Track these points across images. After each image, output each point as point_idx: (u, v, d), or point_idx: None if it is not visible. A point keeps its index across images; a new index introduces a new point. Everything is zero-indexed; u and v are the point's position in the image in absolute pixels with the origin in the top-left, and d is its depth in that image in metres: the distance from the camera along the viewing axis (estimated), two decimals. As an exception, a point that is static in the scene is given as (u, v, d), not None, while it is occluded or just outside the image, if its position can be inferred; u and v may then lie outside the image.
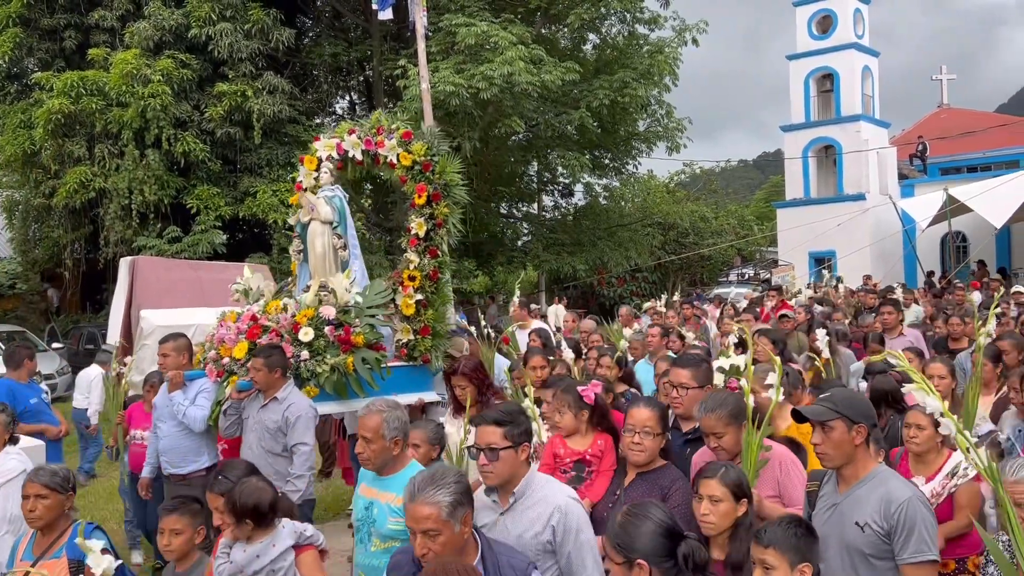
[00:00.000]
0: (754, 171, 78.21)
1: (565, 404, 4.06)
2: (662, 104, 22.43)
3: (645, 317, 11.35)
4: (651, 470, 3.58)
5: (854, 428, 2.98)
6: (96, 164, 18.27)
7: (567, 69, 18.35)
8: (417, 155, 5.71)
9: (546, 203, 28.10)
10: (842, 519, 3.00)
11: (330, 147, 6.05)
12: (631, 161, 25.08)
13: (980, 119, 32.11)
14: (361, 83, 25.06)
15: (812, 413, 3.06)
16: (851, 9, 26.79)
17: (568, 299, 23.31)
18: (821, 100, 27.52)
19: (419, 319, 5.72)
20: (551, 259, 22.78)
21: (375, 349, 5.47)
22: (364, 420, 3.68)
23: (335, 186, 6.02)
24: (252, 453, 4.94)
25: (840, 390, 3.29)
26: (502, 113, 18.36)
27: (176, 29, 18.58)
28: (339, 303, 5.46)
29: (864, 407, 3.10)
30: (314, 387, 5.22)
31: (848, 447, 2.99)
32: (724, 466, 3.14)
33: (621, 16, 21.94)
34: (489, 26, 17.68)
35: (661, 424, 3.60)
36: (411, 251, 5.75)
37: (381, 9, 12.17)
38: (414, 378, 5.77)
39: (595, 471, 3.91)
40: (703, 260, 29.95)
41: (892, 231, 23.70)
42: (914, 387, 2.68)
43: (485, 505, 3.14)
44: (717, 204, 37.54)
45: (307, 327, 5.27)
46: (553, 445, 4.11)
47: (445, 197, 5.77)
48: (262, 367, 4.90)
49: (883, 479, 2.98)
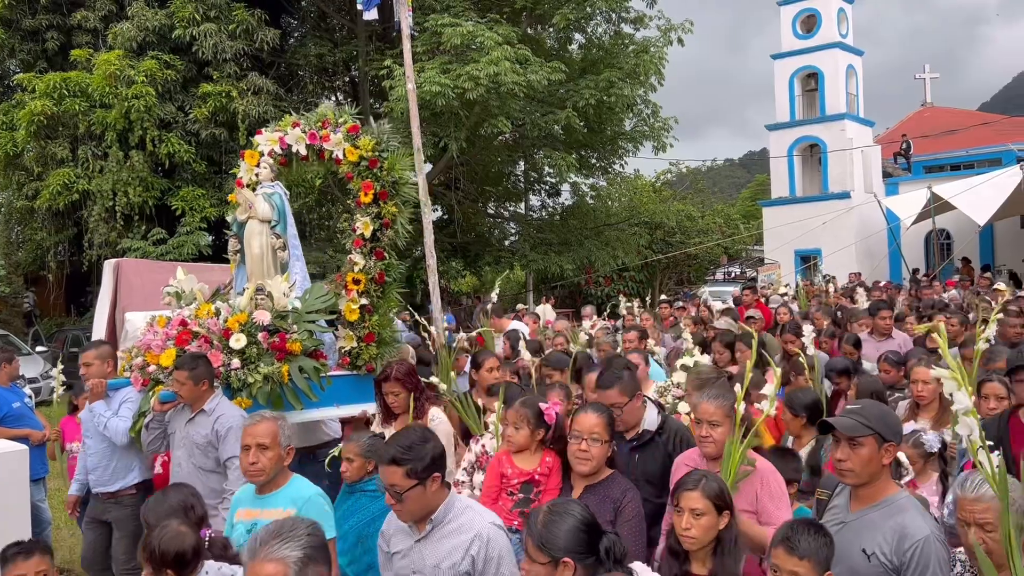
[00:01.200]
0: (740, 170, 78.58)
1: (524, 420, 3.87)
2: (648, 103, 22.48)
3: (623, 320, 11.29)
4: (598, 481, 3.46)
5: (884, 447, 2.80)
6: (80, 166, 18.14)
7: (553, 69, 18.36)
8: (364, 150, 5.34)
9: (533, 203, 28.11)
10: (849, 541, 2.81)
11: (272, 141, 5.69)
12: (618, 160, 25.12)
13: (963, 117, 32.36)
14: (347, 83, 24.98)
15: (844, 427, 2.86)
16: (835, 8, 26.96)
17: (556, 299, 23.31)
18: (806, 99, 27.68)
19: (363, 325, 5.35)
20: (538, 259, 22.78)
21: (315, 357, 5.10)
22: (257, 428, 3.51)
23: (275, 183, 5.69)
24: (182, 470, 4.68)
25: (872, 403, 3.05)
26: (488, 113, 18.34)
27: (160, 30, 18.46)
28: (275, 308, 5.11)
29: (896, 425, 2.91)
30: (246, 398, 4.85)
31: (875, 466, 2.81)
32: (704, 476, 3.02)
33: (607, 16, 21.97)
34: (475, 26, 17.66)
35: (608, 431, 3.47)
36: (356, 252, 5.37)
37: (366, 9, 12.09)
38: (358, 388, 5.38)
39: (543, 491, 3.76)
40: (690, 259, 30.02)
41: (877, 229, 23.86)
42: (947, 373, 2.46)
43: (401, 529, 3.01)
44: (703, 203, 37.64)
45: (239, 333, 4.91)
46: (500, 464, 3.91)
47: (393, 196, 5.39)
48: (186, 380, 4.56)
49: (900, 507, 2.78)
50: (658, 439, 3.93)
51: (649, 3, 22.03)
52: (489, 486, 3.91)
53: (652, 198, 33.62)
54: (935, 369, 2.56)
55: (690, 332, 7.42)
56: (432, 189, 20.46)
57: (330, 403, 5.20)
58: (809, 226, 23.83)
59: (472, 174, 23.72)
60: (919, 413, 4.80)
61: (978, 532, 2.73)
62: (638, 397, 3.97)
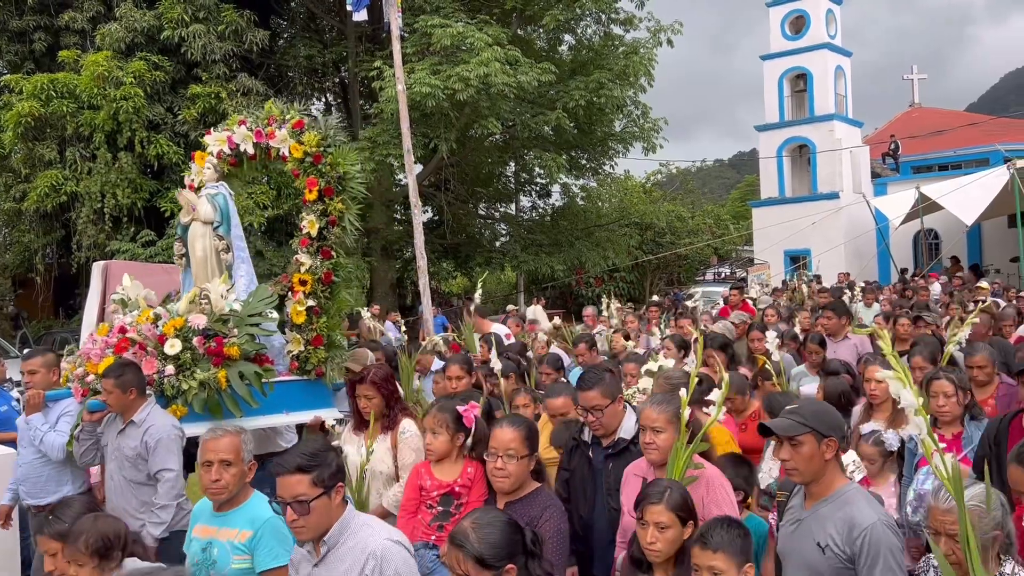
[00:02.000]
0: (730, 170, 78.81)
1: (442, 425, 3.74)
2: (638, 104, 22.52)
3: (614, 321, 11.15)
4: (519, 498, 3.31)
5: (824, 442, 2.84)
6: (67, 167, 18.02)
7: (543, 70, 18.37)
8: (309, 146, 5.17)
9: (524, 204, 28.14)
10: (804, 536, 2.87)
11: (221, 141, 5.50)
12: (608, 161, 25.16)
13: (951, 118, 32.58)
14: (336, 85, 24.93)
15: (780, 427, 2.90)
16: (823, 10, 27.10)
17: (547, 300, 23.32)
18: (795, 100, 27.82)
19: (311, 328, 5.15)
20: (529, 260, 22.79)
21: (258, 362, 4.92)
22: (220, 443, 3.38)
23: (219, 183, 5.51)
24: (113, 483, 4.52)
25: (809, 401, 3.13)
26: (479, 114, 18.34)
27: (148, 31, 18.37)
28: (215, 311, 4.92)
29: (834, 420, 2.95)
30: (181, 405, 4.66)
31: (818, 462, 2.85)
32: (668, 488, 2.98)
33: (596, 17, 22.01)
34: (465, 27, 17.66)
35: (527, 445, 3.32)
36: (302, 252, 5.17)
37: (356, 10, 12.10)
38: (310, 394, 5.21)
39: (464, 504, 3.58)
40: (680, 259, 30.12)
41: (866, 229, 23.99)
42: (891, 374, 2.45)
43: (302, 557, 2.88)
44: (693, 204, 37.78)
45: (173, 339, 4.73)
46: (419, 475, 3.77)
47: (340, 192, 5.20)
48: (113, 388, 4.37)
49: (849, 498, 2.83)
50: (633, 448, 3.75)
51: (638, 4, 22.07)
52: (407, 499, 3.75)
53: (642, 199, 33.73)
54: (880, 370, 2.56)
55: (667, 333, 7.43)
56: (422, 190, 20.43)
57: (278, 409, 5.02)
58: (798, 226, 23.94)
59: (462, 175, 23.70)
60: (873, 413, 4.77)
61: (948, 542, 2.74)
62: (619, 401, 3.85)
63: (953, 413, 4.24)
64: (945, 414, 4.24)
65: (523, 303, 23.49)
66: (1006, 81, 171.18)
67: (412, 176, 12.56)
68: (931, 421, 4.21)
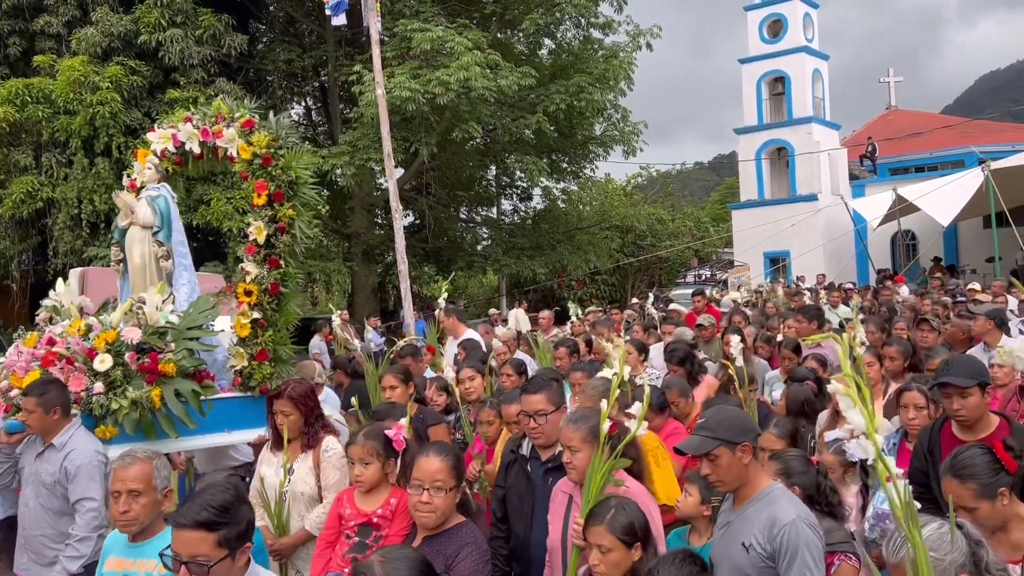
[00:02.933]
0: (709, 173, 79.36)
1: (372, 454, 3.45)
2: (618, 108, 22.61)
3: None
4: (440, 532, 3.09)
5: (738, 449, 2.82)
6: (43, 173, 17.84)
7: (523, 74, 18.40)
8: (258, 147, 4.82)
9: (505, 207, 28.16)
10: (732, 538, 2.86)
11: (165, 139, 5.16)
12: (588, 165, 25.25)
13: (927, 120, 33.00)
14: (316, 89, 24.83)
15: (690, 447, 2.89)
16: (801, 13, 27.35)
17: (529, 303, 23.36)
18: (773, 103, 28.05)
19: (256, 342, 4.80)
20: (511, 263, 22.80)
21: (197, 379, 4.58)
22: (128, 471, 3.10)
23: (161, 184, 5.16)
24: (28, 510, 4.14)
25: (713, 412, 3.02)
26: (459, 118, 18.34)
27: (125, 35, 18.22)
28: (149, 324, 4.56)
29: (741, 423, 2.91)
30: (112, 427, 4.30)
31: (738, 469, 2.84)
32: (613, 508, 2.90)
33: (576, 21, 22.07)
34: (444, 31, 17.66)
35: (455, 475, 3.11)
36: (248, 260, 4.80)
37: (335, 15, 12.10)
38: (254, 411, 4.83)
39: (383, 536, 3.36)
40: (661, 262, 30.26)
41: (844, 230, 24.20)
42: (841, 388, 2.29)
43: None
44: (674, 206, 37.97)
45: (104, 353, 4.34)
46: (339, 503, 3.53)
47: (291, 197, 4.86)
48: (35, 407, 4.01)
49: (773, 498, 2.82)
50: None
51: (617, 9, 22.17)
52: (326, 528, 3.54)
53: (623, 202, 33.85)
54: (831, 383, 2.49)
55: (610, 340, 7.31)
56: (403, 194, 20.38)
57: (219, 428, 4.72)
58: (777, 228, 24.13)
59: (444, 179, 23.69)
60: (839, 421, 4.55)
61: None
62: (563, 410, 3.69)
63: (925, 426, 4.04)
64: (915, 427, 4.08)
65: (505, 306, 23.50)
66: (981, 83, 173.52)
67: (392, 180, 12.56)
68: (902, 434, 4.11)
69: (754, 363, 6.41)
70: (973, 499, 2.83)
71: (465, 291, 31.07)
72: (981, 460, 2.87)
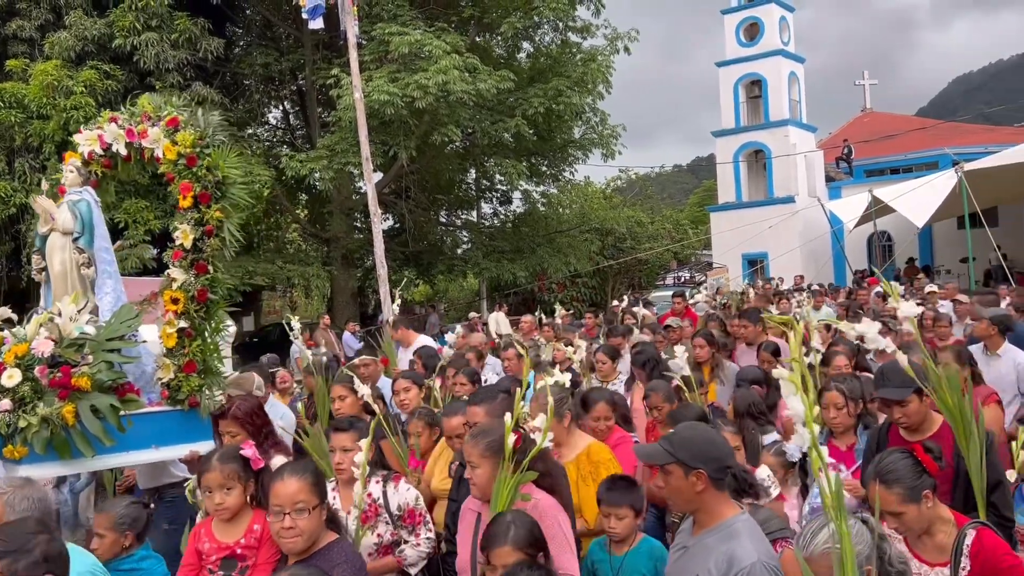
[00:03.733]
0: (688, 176, 79.82)
1: (233, 478, 3.18)
2: (596, 111, 22.70)
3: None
4: (311, 554, 2.90)
5: (692, 474, 2.62)
6: (16, 179, 17.61)
7: (502, 77, 18.42)
8: (183, 146, 4.62)
9: (485, 211, 28.17)
10: (687, 565, 2.70)
11: (92, 141, 4.94)
12: (568, 168, 25.32)
13: (901, 122, 33.38)
14: (294, 92, 24.72)
15: (644, 454, 2.76)
16: (777, 17, 27.58)
17: (509, 306, 23.36)
18: (750, 106, 28.25)
19: (183, 352, 4.53)
20: (491, 266, 22.81)
21: (118, 393, 4.29)
22: None
23: (84, 189, 4.93)
24: None
25: (685, 428, 2.85)
26: (438, 122, 18.32)
27: (99, 39, 18.04)
28: (64, 336, 4.29)
29: (706, 449, 2.68)
30: (20, 446, 4.01)
31: (688, 494, 2.64)
32: (510, 524, 2.78)
33: (554, 25, 22.14)
34: (423, 35, 17.65)
35: (317, 492, 2.91)
36: (174, 266, 4.56)
37: (312, 18, 12.05)
38: (184, 426, 4.57)
39: (251, 566, 3.12)
40: (641, 264, 30.38)
41: (821, 232, 24.41)
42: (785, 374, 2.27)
43: None
44: (653, 209, 38.15)
45: (13, 368, 4.06)
46: (196, 537, 3.24)
47: (218, 199, 4.63)
48: None
49: (734, 532, 2.61)
50: None
51: (595, 12, 22.26)
52: (183, 567, 3.26)
53: (602, 205, 33.97)
54: (776, 369, 2.42)
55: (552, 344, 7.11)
56: (382, 198, 20.33)
57: (144, 445, 4.44)
58: (755, 230, 24.29)
59: (423, 183, 23.65)
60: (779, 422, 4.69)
61: None
62: None
63: (844, 424, 4.16)
64: (836, 426, 4.16)
65: (486, 310, 23.48)
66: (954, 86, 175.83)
67: (371, 184, 12.51)
68: (828, 433, 4.12)
69: (725, 368, 6.27)
70: (899, 503, 2.83)
71: (446, 295, 31.02)
72: (904, 464, 2.87)
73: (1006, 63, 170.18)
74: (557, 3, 19.84)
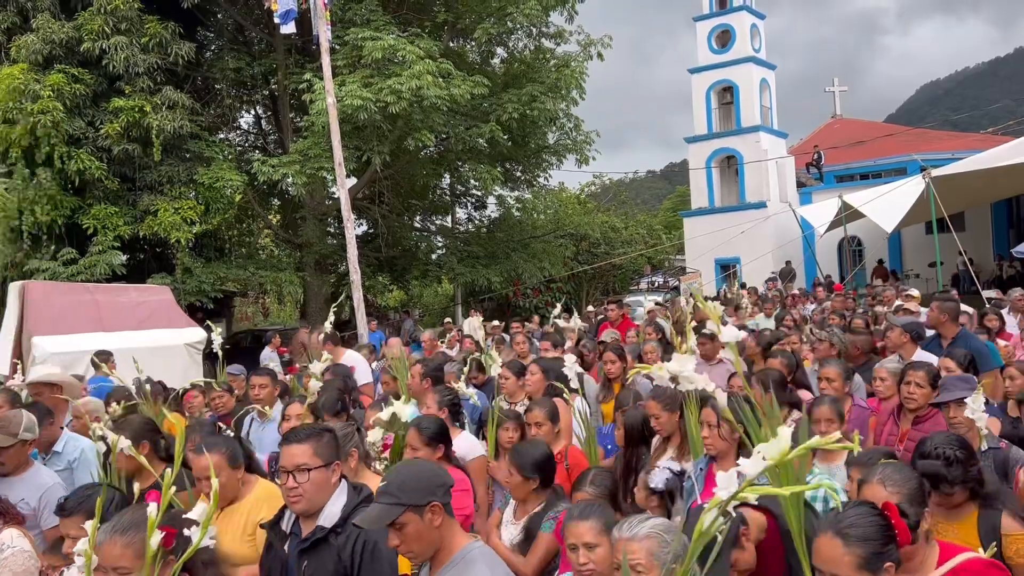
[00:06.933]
0: (662, 181, 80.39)
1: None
2: (570, 117, 22.77)
3: None
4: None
5: (426, 511, 2.48)
6: (-18, 183, 17.33)
7: (476, 83, 18.42)
8: None
9: (460, 216, 28.12)
10: None
11: None
12: (542, 173, 25.38)
13: (870, 129, 33.80)
14: (266, 97, 24.54)
15: (369, 521, 2.49)
16: (748, 24, 27.88)
17: (484, 311, 23.32)
18: (722, 112, 28.51)
19: None
20: (466, 272, 22.76)
21: None
22: None
23: None
24: None
25: (393, 473, 2.64)
26: (412, 127, 18.27)
27: (67, 43, 17.79)
28: None
29: (426, 482, 2.52)
30: None
31: (430, 535, 2.50)
32: None
33: (528, 31, 22.19)
34: (396, 40, 17.59)
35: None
36: None
37: (284, 23, 12.00)
38: None
39: None
40: (615, 269, 30.48)
41: (792, 237, 24.63)
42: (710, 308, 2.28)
43: None
44: (627, 214, 38.30)
45: None
46: None
47: None
48: None
49: (470, 561, 2.50)
50: (333, 540, 2.87)
51: (568, 18, 22.35)
52: None
53: (577, 210, 34.05)
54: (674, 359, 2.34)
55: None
56: (356, 203, 20.22)
57: None
58: (728, 235, 24.48)
59: (397, 188, 23.56)
60: (666, 445, 4.33)
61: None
62: (334, 469, 2.96)
63: (717, 446, 3.64)
64: (709, 447, 3.69)
65: (460, 315, 23.42)
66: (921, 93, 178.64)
67: (344, 189, 12.46)
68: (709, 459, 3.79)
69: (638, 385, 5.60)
70: (852, 569, 2.20)
71: (420, 300, 30.92)
72: (874, 524, 2.27)
73: (972, 71, 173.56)
74: (531, 9, 19.89)
